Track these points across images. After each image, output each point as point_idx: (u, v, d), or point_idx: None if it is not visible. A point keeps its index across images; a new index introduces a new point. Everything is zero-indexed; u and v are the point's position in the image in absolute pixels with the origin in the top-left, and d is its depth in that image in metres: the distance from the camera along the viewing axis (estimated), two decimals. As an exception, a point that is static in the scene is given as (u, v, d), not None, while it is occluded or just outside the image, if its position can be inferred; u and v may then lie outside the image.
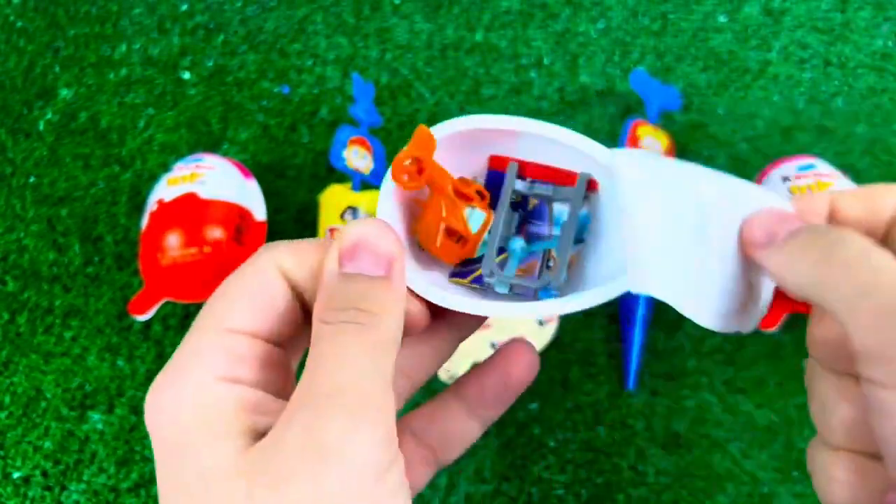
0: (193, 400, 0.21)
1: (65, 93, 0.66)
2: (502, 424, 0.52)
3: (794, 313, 0.50)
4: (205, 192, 0.53)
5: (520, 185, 0.30)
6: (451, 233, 0.29)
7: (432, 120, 0.63)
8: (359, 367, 0.20)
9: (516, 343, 0.28)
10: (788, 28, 0.65)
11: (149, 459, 0.53)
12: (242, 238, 0.53)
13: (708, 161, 0.60)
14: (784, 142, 0.60)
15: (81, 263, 0.59)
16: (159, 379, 0.22)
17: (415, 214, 0.30)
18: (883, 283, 0.20)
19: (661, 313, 0.54)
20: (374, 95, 0.60)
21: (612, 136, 0.61)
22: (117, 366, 0.55)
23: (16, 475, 0.53)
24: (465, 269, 0.30)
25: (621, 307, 0.54)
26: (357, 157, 0.56)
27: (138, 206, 0.60)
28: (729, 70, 0.63)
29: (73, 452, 0.53)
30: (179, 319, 0.56)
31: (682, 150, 0.60)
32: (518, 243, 0.30)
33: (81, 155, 0.63)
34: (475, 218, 0.29)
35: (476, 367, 0.28)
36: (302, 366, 0.23)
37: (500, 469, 0.51)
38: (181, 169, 0.55)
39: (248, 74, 0.65)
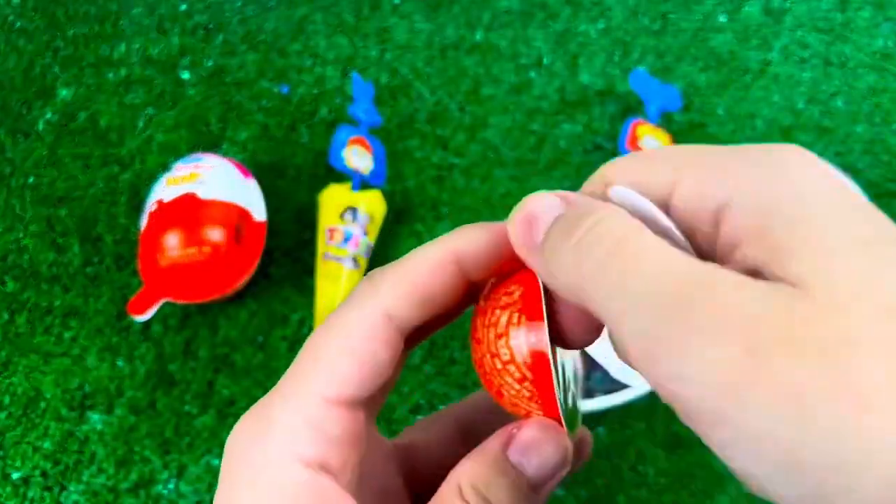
0: (271, 478, 0.19)
1: (64, 93, 0.66)
2: (502, 425, 0.52)
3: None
4: (204, 193, 0.53)
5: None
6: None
7: (432, 120, 0.63)
8: None
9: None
10: (789, 28, 0.65)
11: (148, 460, 0.53)
12: (242, 238, 0.53)
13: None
14: (784, 141, 0.60)
15: (81, 263, 0.59)
16: (244, 432, 0.20)
17: None
18: (641, 271, 0.15)
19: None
20: (373, 95, 0.60)
21: (611, 137, 0.61)
22: (117, 366, 0.55)
23: (15, 476, 0.53)
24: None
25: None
26: (357, 157, 0.56)
27: (137, 207, 0.60)
28: (729, 70, 0.63)
29: (72, 453, 0.53)
30: (179, 320, 0.56)
31: (682, 149, 0.60)
32: (597, 375, 0.52)
33: (81, 155, 0.63)
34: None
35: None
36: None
37: (499, 469, 0.51)
38: (180, 169, 0.55)
39: (247, 74, 0.65)
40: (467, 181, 0.60)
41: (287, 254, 0.58)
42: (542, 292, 0.20)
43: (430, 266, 0.21)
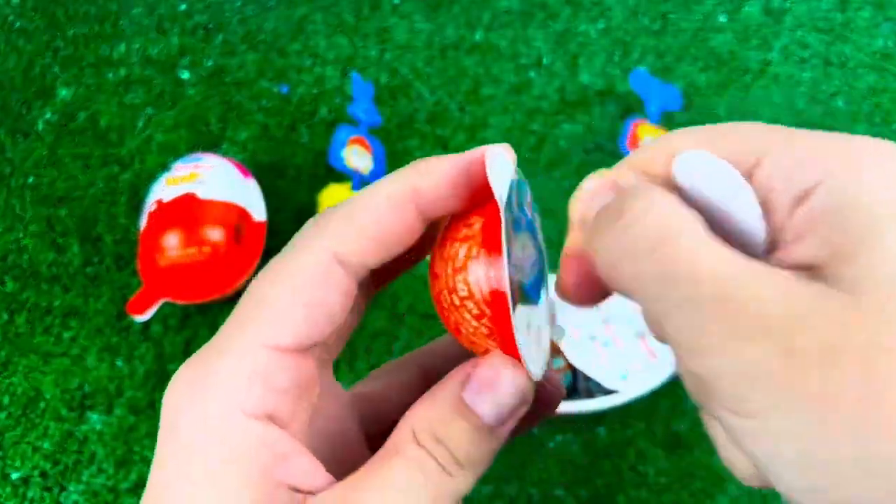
0: (215, 427, 0.18)
1: (64, 93, 0.66)
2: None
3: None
4: (203, 193, 0.53)
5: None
6: None
7: (432, 120, 0.63)
8: None
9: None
10: (789, 28, 0.65)
11: (148, 460, 0.52)
12: (241, 238, 0.53)
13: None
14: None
15: (80, 263, 0.59)
16: (181, 385, 0.18)
17: None
18: (682, 277, 0.15)
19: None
20: (373, 95, 0.60)
21: (612, 137, 0.61)
22: (116, 366, 0.55)
23: (15, 476, 0.53)
24: None
25: (621, 307, 0.54)
26: (356, 157, 0.56)
27: (137, 206, 0.60)
28: (729, 70, 0.63)
29: (72, 453, 0.53)
30: (179, 320, 0.56)
31: (682, 149, 0.60)
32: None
33: (80, 155, 0.63)
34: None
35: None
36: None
37: (499, 470, 0.51)
38: (180, 169, 0.55)
39: (247, 74, 0.65)
40: (467, 181, 0.60)
41: (287, 254, 0.58)
42: (503, 224, 0.18)
43: (384, 203, 0.19)
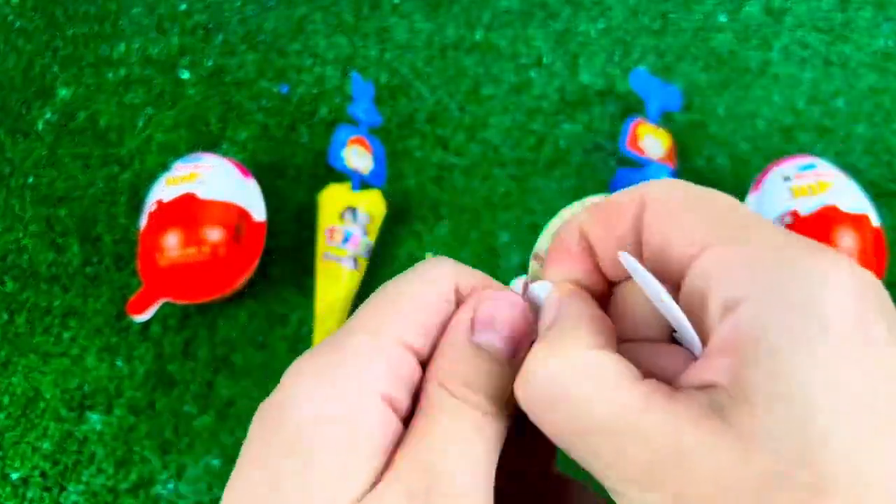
0: (343, 410, 0.18)
1: (63, 92, 0.66)
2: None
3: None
4: (203, 193, 0.53)
5: None
6: None
7: (432, 119, 0.63)
8: (471, 458, 0.19)
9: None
10: (789, 28, 0.65)
11: (147, 460, 0.52)
12: (241, 238, 0.53)
13: (708, 160, 0.60)
14: (785, 141, 0.60)
15: (80, 263, 0.59)
16: (306, 365, 0.19)
17: None
18: (578, 429, 0.16)
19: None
20: (373, 95, 0.60)
21: (612, 136, 0.61)
22: (116, 366, 0.55)
23: (14, 476, 0.53)
24: None
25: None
26: (356, 157, 0.56)
27: (137, 206, 0.60)
28: (729, 69, 0.63)
29: (71, 453, 0.53)
30: (178, 320, 0.56)
31: (682, 149, 0.60)
32: None
33: (80, 155, 0.63)
34: None
35: None
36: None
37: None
38: (180, 169, 0.55)
39: (247, 74, 0.65)
40: (467, 181, 0.60)
41: (287, 254, 0.58)
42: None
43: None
